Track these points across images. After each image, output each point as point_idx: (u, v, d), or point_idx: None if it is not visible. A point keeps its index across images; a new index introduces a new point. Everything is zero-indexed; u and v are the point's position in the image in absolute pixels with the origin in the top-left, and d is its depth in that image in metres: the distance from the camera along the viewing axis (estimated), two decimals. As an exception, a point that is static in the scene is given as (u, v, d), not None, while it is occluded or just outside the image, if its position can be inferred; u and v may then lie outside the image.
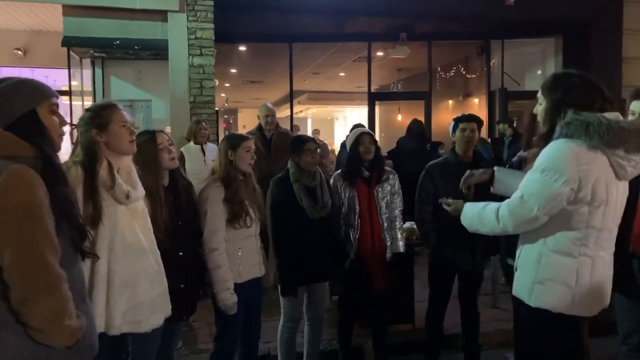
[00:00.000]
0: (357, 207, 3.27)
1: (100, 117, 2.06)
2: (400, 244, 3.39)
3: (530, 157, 2.00)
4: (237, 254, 2.74)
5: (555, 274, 1.91)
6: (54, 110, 1.52)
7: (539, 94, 2.03)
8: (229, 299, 2.64)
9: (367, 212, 3.28)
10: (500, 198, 2.09)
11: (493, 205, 2.03)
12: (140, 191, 2.15)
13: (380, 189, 3.33)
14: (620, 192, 1.91)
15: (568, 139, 1.84)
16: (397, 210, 3.41)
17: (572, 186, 1.80)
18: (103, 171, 2.00)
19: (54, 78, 7.81)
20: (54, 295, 1.34)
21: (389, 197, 3.36)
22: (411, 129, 6.88)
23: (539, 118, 2.01)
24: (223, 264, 2.64)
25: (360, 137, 3.29)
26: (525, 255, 2.02)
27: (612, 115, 1.84)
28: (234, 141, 2.78)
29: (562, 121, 1.86)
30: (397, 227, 3.40)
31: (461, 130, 3.21)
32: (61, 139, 1.55)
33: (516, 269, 2.08)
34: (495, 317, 4.21)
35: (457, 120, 3.26)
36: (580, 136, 1.80)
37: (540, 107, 2.01)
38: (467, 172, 2.43)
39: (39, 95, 1.50)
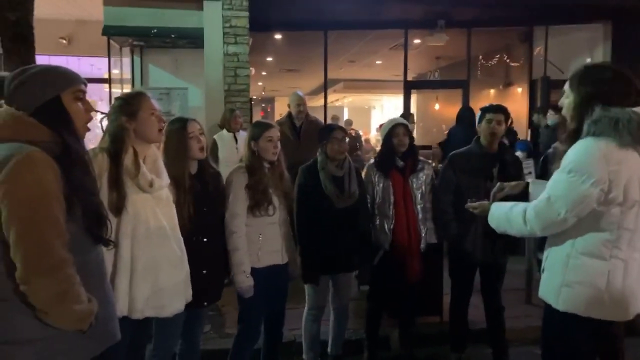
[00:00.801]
0: (392, 197, 3.23)
1: (130, 105, 2.10)
2: (435, 235, 3.34)
3: (558, 155, 1.91)
4: (257, 239, 2.76)
5: (584, 277, 1.82)
6: (79, 97, 1.55)
7: (566, 86, 1.92)
8: (244, 281, 2.67)
9: (402, 202, 3.23)
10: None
11: (520, 206, 1.96)
12: (165, 180, 2.18)
13: (415, 179, 3.28)
14: None
15: (596, 137, 1.75)
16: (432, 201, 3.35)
17: (601, 187, 1.72)
18: (128, 159, 2.03)
19: (99, 66, 8.07)
20: (55, 277, 1.36)
21: (424, 187, 3.30)
22: (461, 118, 6.37)
23: (565, 112, 1.92)
24: (241, 247, 2.68)
25: (394, 129, 3.23)
26: (553, 257, 1.93)
27: None
28: (257, 131, 2.78)
29: (589, 118, 1.77)
30: (432, 217, 3.34)
31: (487, 122, 3.12)
32: (86, 125, 1.58)
33: (543, 270, 2.00)
34: (527, 313, 4.09)
35: (484, 111, 3.17)
36: (610, 134, 1.71)
37: (567, 101, 1.91)
38: (497, 185, 2.36)
39: (64, 82, 1.53)
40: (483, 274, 3.28)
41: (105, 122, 2.12)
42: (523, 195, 2.27)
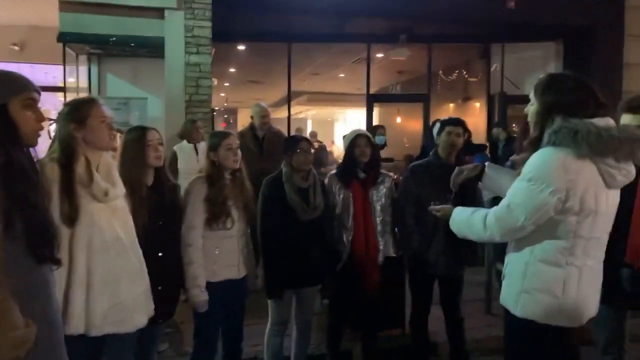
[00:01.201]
0: (352, 208, 3.22)
1: (78, 111, 2.02)
2: (393, 248, 3.34)
3: (519, 161, 1.95)
4: (214, 253, 2.71)
5: (542, 284, 1.86)
6: (28, 104, 1.47)
7: (531, 94, 1.96)
8: (199, 295, 2.62)
9: (362, 214, 3.22)
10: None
11: (481, 212, 1.98)
12: (120, 188, 2.11)
13: (375, 191, 3.28)
14: (610, 201, 1.86)
15: (556, 147, 1.78)
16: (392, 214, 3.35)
17: (559, 196, 1.75)
18: (80, 168, 1.95)
19: (54, 74, 7.77)
20: None
21: (384, 199, 3.31)
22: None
23: (529, 119, 1.96)
24: (196, 261, 2.63)
25: (356, 140, 3.23)
26: (513, 264, 1.97)
27: (603, 122, 1.78)
28: (215, 141, 2.75)
29: (550, 128, 1.81)
30: (389, 230, 3.35)
31: (447, 134, 3.18)
32: (37, 134, 1.50)
33: (504, 277, 2.03)
34: (487, 323, 4.16)
35: (444, 123, 3.23)
36: (568, 145, 1.75)
37: (531, 108, 1.95)
38: (457, 169, 2.38)
39: (11, 89, 1.44)
40: (442, 286, 3.30)
41: (53, 129, 2.03)
42: (480, 178, 2.28)
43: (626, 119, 2.42)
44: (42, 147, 1.66)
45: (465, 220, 2.05)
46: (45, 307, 1.48)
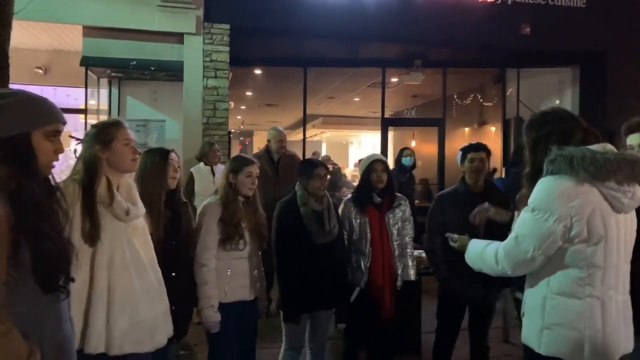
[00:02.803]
0: (369, 234, 3.19)
1: (104, 134, 2.05)
2: (412, 272, 3.33)
3: (523, 198, 1.94)
4: (226, 273, 2.73)
5: (563, 318, 1.79)
6: (52, 135, 1.46)
7: (524, 134, 2.02)
8: (212, 316, 2.63)
9: (379, 239, 3.20)
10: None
11: (494, 245, 1.95)
12: (141, 208, 2.13)
13: (391, 216, 3.26)
14: (622, 226, 1.81)
15: (554, 175, 1.78)
16: (408, 237, 3.34)
17: (564, 224, 1.73)
18: (102, 188, 1.98)
19: (75, 97, 7.97)
20: None
21: (400, 223, 3.29)
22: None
23: (524, 159, 1.99)
24: (209, 281, 2.65)
25: (373, 165, 3.23)
26: (531, 300, 1.91)
27: (598, 147, 1.78)
28: (237, 165, 2.79)
29: (547, 158, 1.81)
30: (409, 254, 3.34)
31: (470, 161, 3.15)
32: (51, 165, 1.50)
33: (523, 314, 1.97)
34: (506, 352, 4.06)
35: (465, 151, 3.20)
36: (566, 172, 1.75)
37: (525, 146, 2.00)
38: (485, 204, 2.35)
39: (40, 119, 1.44)
40: (473, 313, 3.24)
41: (79, 150, 2.08)
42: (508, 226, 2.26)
43: (633, 139, 2.44)
44: (62, 165, 1.66)
45: (479, 254, 2.02)
46: (55, 332, 1.46)
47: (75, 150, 2.13)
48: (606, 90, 7.48)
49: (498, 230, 2.87)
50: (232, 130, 13.28)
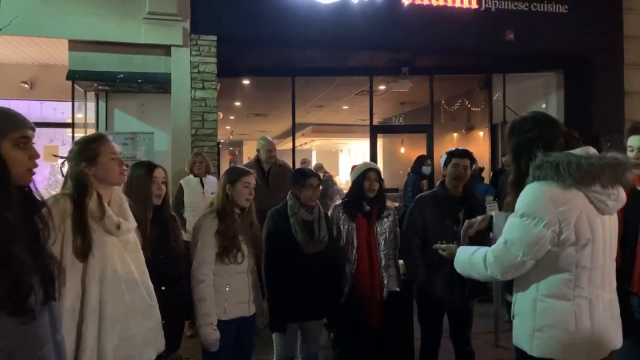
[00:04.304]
0: (356, 241, 3.20)
1: (88, 149, 2.04)
2: (397, 282, 3.32)
3: (508, 204, 1.97)
4: (224, 290, 2.67)
5: (553, 320, 1.82)
6: (21, 143, 1.42)
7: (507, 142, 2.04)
8: (210, 334, 2.57)
9: (366, 247, 3.21)
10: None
11: (482, 250, 1.98)
12: (132, 222, 2.12)
13: (379, 225, 3.27)
14: (607, 227, 1.85)
15: (541, 181, 1.81)
16: (394, 248, 3.34)
17: (553, 229, 1.76)
18: (92, 203, 1.97)
19: (62, 110, 7.91)
20: None
21: (387, 233, 3.29)
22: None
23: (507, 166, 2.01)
24: (208, 298, 2.59)
25: (367, 173, 3.25)
26: (521, 303, 1.94)
27: (582, 151, 1.81)
28: (234, 175, 2.77)
29: (533, 164, 1.84)
30: (394, 264, 3.33)
31: (453, 166, 3.18)
32: (30, 172, 1.45)
33: (513, 317, 1.99)
34: (497, 356, 4.08)
35: (451, 155, 3.23)
36: (552, 177, 1.78)
37: (507, 157, 2.02)
38: (466, 222, 2.40)
39: (3, 129, 1.40)
40: (452, 319, 3.26)
41: (65, 167, 2.06)
42: (490, 228, 2.31)
43: (633, 140, 2.52)
44: (50, 180, 1.64)
45: (468, 260, 2.04)
46: (30, 357, 1.37)
47: (61, 168, 2.10)
48: (591, 94, 7.58)
49: (475, 234, 2.90)
50: (222, 141, 13.26)
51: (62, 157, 2.07)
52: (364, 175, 3.24)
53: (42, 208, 1.48)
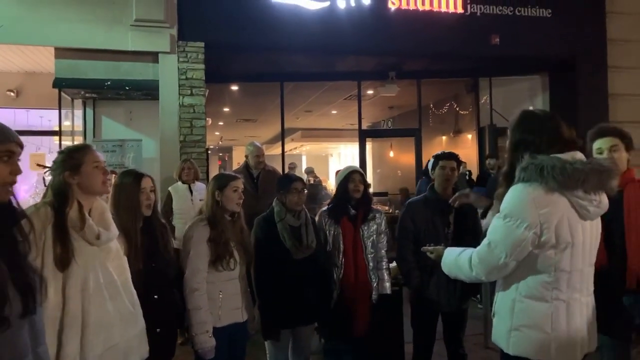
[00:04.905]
0: (342, 245, 3.20)
1: (72, 159, 2.03)
2: (387, 285, 3.32)
3: (498, 196, 1.98)
4: (217, 297, 2.66)
5: (530, 320, 1.86)
6: (4, 156, 1.40)
7: (508, 130, 2.04)
8: (206, 342, 2.56)
9: (352, 251, 3.20)
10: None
11: (468, 252, 2.00)
12: (113, 231, 2.11)
13: (366, 228, 3.27)
14: (587, 232, 1.88)
15: (525, 183, 1.83)
16: (383, 250, 3.35)
17: (534, 231, 1.78)
18: (73, 212, 1.96)
19: (49, 118, 7.86)
20: None
21: (375, 236, 3.29)
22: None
23: (506, 155, 2.03)
24: (203, 306, 2.58)
25: (351, 175, 3.25)
26: (501, 302, 1.98)
27: (568, 156, 1.83)
28: (222, 181, 2.76)
29: (519, 165, 1.87)
30: (384, 267, 3.33)
31: (441, 168, 3.21)
32: (6, 188, 1.41)
33: (494, 315, 2.03)
34: (486, 357, 4.10)
35: (437, 158, 3.26)
36: (536, 180, 1.80)
37: (507, 143, 2.03)
38: (466, 190, 2.43)
39: None
40: (446, 322, 3.28)
41: (48, 177, 2.05)
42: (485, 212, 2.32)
43: (601, 143, 2.57)
44: (32, 192, 1.62)
45: (454, 262, 2.06)
46: None
47: (44, 179, 2.09)
48: (575, 96, 7.69)
49: (467, 235, 2.93)
50: (211, 147, 13.21)
51: (46, 167, 2.06)
52: (348, 178, 3.25)
53: (22, 219, 1.45)
